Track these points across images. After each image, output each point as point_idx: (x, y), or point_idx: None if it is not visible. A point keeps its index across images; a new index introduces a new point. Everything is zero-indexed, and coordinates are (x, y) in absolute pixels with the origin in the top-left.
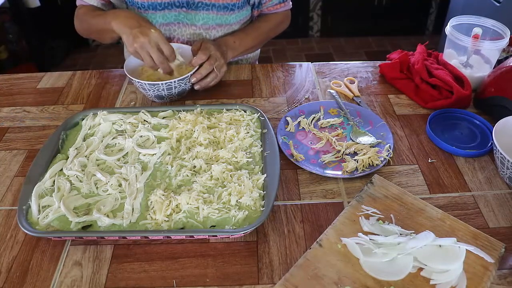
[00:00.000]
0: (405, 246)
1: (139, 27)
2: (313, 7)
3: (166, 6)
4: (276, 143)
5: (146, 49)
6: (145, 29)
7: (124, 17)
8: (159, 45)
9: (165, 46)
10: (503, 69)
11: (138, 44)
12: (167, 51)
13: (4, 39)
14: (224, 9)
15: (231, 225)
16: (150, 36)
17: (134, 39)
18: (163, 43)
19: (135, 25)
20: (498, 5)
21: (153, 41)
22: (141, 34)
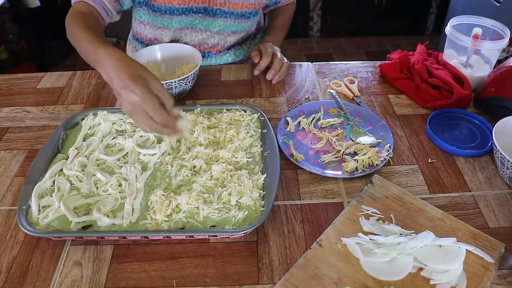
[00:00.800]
0: (405, 246)
1: (124, 88)
2: (313, 7)
3: (184, 11)
4: (276, 143)
5: (137, 115)
6: (129, 92)
7: (111, 70)
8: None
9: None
10: (503, 69)
11: (126, 109)
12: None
13: (4, 39)
14: (241, 17)
15: (231, 225)
16: (134, 102)
17: (123, 103)
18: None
19: (120, 85)
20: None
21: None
22: (127, 99)
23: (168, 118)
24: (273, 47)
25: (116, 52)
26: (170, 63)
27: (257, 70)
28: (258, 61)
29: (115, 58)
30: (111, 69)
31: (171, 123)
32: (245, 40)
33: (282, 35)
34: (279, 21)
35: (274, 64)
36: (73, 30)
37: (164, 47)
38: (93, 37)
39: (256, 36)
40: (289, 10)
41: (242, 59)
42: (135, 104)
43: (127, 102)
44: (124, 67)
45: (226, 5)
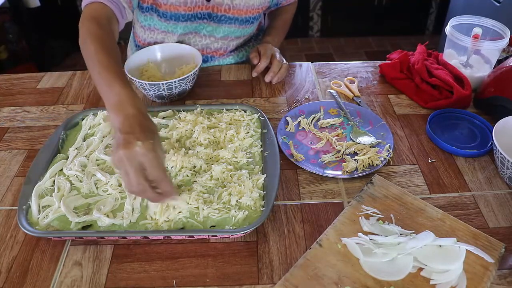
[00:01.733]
0: (405, 246)
1: (129, 134)
2: (313, 7)
3: (189, 17)
4: (276, 143)
5: (124, 167)
6: (132, 139)
7: (124, 116)
8: (144, 166)
9: (153, 170)
10: (503, 69)
11: (116, 156)
12: (156, 176)
13: (4, 39)
14: (245, 23)
15: (231, 225)
16: (133, 151)
17: (115, 149)
18: (151, 166)
19: (126, 130)
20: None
21: (135, 159)
22: (124, 145)
23: (146, 189)
24: (272, 49)
25: (133, 95)
26: (170, 63)
27: (255, 72)
28: (257, 63)
29: (132, 103)
30: (124, 112)
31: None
32: (247, 41)
33: (282, 35)
34: (280, 21)
35: (273, 66)
36: (87, 44)
37: (164, 47)
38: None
39: (258, 37)
40: (290, 10)
41: (245, 60)
42: (120, 156)
43: (116, 149)
44: (141, 116)
45: (230, 11)
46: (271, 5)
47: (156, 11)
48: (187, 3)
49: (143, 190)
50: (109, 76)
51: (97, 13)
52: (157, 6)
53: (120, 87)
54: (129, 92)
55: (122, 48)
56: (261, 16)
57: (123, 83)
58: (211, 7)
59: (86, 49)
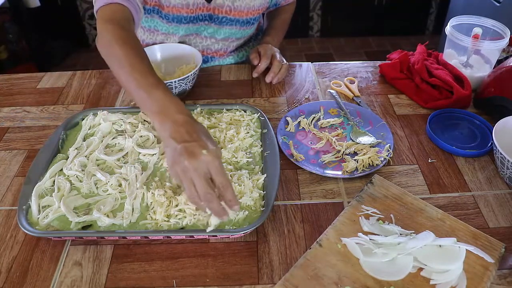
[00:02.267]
0: (405, 246)
1: (190, 142)
2: (313, 7)
3: (191, 19)
4: (276, 143)
5: (189, 176)
6: (196, 147)
7: (173, 122)
8: (211, 174)
9: (220, 177)
10: (503, 69)
11: (178, 166)
12: (221, 182)
13: (4, 39)
14: (246, 24)
15: (231, 225)
16: (200, 160)
17: (177, 159)
18: (218, 173)
19: (184, 138)
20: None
21: (202, 168)
22: (189, 155)
23: (211, 196)
24: (272, 49)
25: (177, 99)
26: (170, 63)
27: (255, 72)
28: (257, 64)
29: (179, 107)
30: (173, 122)
31: (215, 205)
32: (247, 42)
33: (281, 35)
34: (279, 21)
35: (273, 66)
36: (113, 48)
37: (164, 47)
38: (144, 67)
39: (257, 37)
40: (289, 10)
41: (245, 60)
42: (186, 166)
43: (179, 159)
44: (192, 121)
45: (231, 12)
46: (270, 5)
47: (159, 12)
48: (189, 5)
49: (210, 200)
50: (147, 82)
51: (116, 15)
52: (160, 8)
53: (162, 93)
54: (172, 97)
55: None
56: (261, 16)
57: (164, 89)
58: (212, 9)
59: (113, 53)
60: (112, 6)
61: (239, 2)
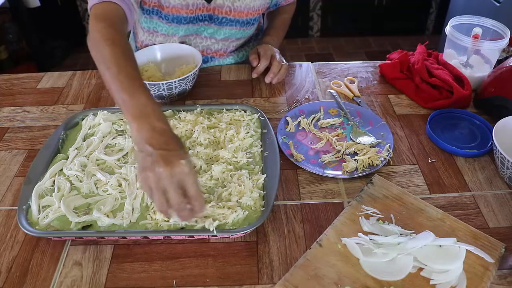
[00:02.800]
0: (405, 246)
1: (168, 151)
2: (313, 7)
3: (191, 20)
4: (276, 143)
5: (163, 187)
6: (174, 156)
7: (151, 128)
8: (183, 184)
9: (191, 187)
10: (503, 69)
11: (153, 173)
12: (192, 194)
13: (4, 39)
14: (246, 24)
15: (231, 225)
16: (177, 169)
17: (152, 165)
18: (189, 183)
19: (161, 146)
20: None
21: (177, 178)
22: (165, 162)
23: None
24: (271, 49)
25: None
26: (170, 63)
27: (255, 73)
28: (256, 65)
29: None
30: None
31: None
32: (247, 42)
33: (281, 35)
34: (279, 21)
35: (273, 67)
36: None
37: (164, 47)
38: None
39: (257, 37)
40: (289, 10)
41: (245, 60)
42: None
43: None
44: (170, 129)
45: (231, 13)
46: (270, 5)
47: (159, 13)
48: (188, 6)
49: (181, 209)
50: (131, 84)
51: (108, 14)
52: (160, 9)
53: (144, 98)
54: (155, 104)
55: None
56: (261, 16)
57: (147, 95)
58: (212, 9)
59: (100, 52)
60: (105, 4)
61: (239, 2)
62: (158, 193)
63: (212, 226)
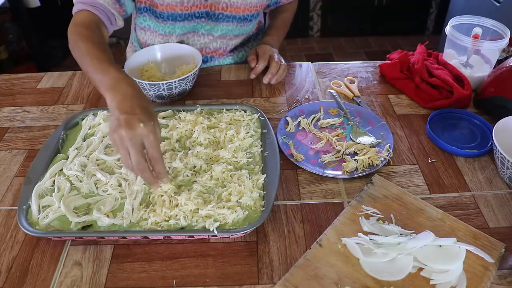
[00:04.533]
0: (405, 246)
1: (130, 114)
2: (313, 7)
3: (187, 17)
4: (276, 143)
5: (126, 146)
6: (134, 119)
7: (122, 96)
8: (145, 146)
9: (152, 150)
10: (503, 69)
11: (117, 134)
12: (153, 156)
13: (4, 39)
14: (244, 21)
15: (231, 225)
16: (137, 131)
17: (116, 128)
18: (151, 146)
19: (126, 110)
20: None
21: (139, 139)
22: (126, 125)
23: (143, 166)
24: (270, 49)
25: (130, 78)
26: (170, 63)
27: (253, 73)
28: (255, 65)
29: (129, 84)
30: (123, 95)
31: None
32: (247, 41)
33: (282, 35)
34: (279, 20)
35: (271, 67)
36: (78, 44)
37: (164, 47)
38: (103, 56)
39: (257, 37)
40: (290, 9)
41: (245, 61)
42: (123, 135)
43: (117, 128)
44: (139, 96)
45: (228, 9)
46: (271, 3)
47: (153, 12)
48: (183, 3)
49: (142, 170)
50: (103, 65)
51: (85, 20)
52: (154, 7)
53: (115, 72)
54: (125, 75)
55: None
56: (260, 15)
57: (118, 69)
58: (208, 6)
59: (78, 49)
60: (83, 12)
61: None
62: (123, 152)
63: (212, 226)
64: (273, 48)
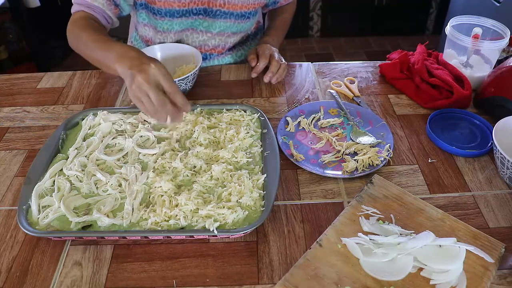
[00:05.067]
0: (405, 246)
1: (139, 65)
2: (313, 7)
3: (184, 13)
4: (276, 143)
5: (145, 90)
6: (144, 64)
7: (128, 57)
8: (159, 83)
9: (166, 83)
10: (503, 69)
11: (136, 85)
12: (169, 88)
13: (4, 39)
14: (241, 17)
15: (231, 225)
16: (149, 72)
17: (132, 81)
18: (164, 79)
19: (136, 64)
20: (498, 5)
21: (152, 78)
22: (139, 72)
23: (163, 101)
24: (270, 49)
25: (134, 47)
26: (170, 63)
27: (254, 73)
28: (255, 65)
29: (134, 50)
30: (129, 58)
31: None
32: (245, 40)
33: (281, 35)
34: (279, 21)
35: (271, 66)
36: (79, 34)
37: (164, 47)
38: (104, 37)
39: (256, 37)
40: (289, 10)
41: (244, 60)
42: (140, 81)
43: (133, 79)
44: (143, 54)
45: (226, 5)
46: (269, 3)
47: (151, 9)
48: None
49: (164, 104)
50: (107, 44)
51: (83, 16)
52: (151, 4)
53: (118, 45)
54: (128, 46)
55: None
56: (259, 13)
57: (121, 44)
58: (206, 2)
59: (79, 39)
60: (80, 13)
61: None
62: (145, 98)
63: (212, 226)
64: (273, 48)
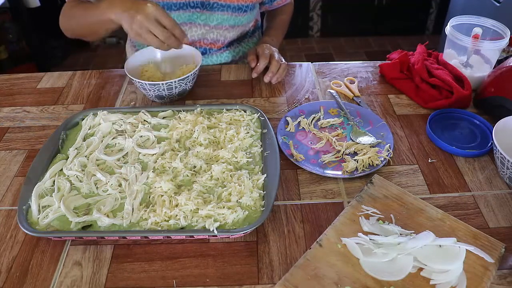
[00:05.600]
0: (405, 246)
1: (134, 7)
2: (313, 7)
3: (181, 6)
4: (276, 143)
5: (146, 27)
6: (141, 5)
7: (119, 2)
8: (158, 19)
9: (165, 19)
10: (503, 69)
11: (136, 24)
12: (168, 24)
13: (4, 39)
14: (238, 10)
15: (231, 225)
16: (147, 11)
17: (132, 20)
18: (163, 16)
19: (130, 6)
20: (498, 5)
21: (152, 16)
22: (137, 12)
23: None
24: (270, 49)
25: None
26: (170, 63)
27: (255, 72)
28: (255, 65)
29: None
30: (120, 1)
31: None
32: (243, 37)
33: (280, 36)
34: (278, 21)
35: (272, 66)
36: (70, 12)
37: None
38: (90, 4)
39: (254, 34)
40: (287, 10)
41: (242, 56)
42: (140, 20)
43: (133, 19)
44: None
45: None
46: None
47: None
48: None
49: (167, 37)
50: (95, 5)
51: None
52: None
53: (105, 2)
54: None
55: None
56: (256, 9)
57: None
58: None
59: (72, 15)
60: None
61: None
62: (147, 35)
63: (212, 226)
64: (273, 48)
